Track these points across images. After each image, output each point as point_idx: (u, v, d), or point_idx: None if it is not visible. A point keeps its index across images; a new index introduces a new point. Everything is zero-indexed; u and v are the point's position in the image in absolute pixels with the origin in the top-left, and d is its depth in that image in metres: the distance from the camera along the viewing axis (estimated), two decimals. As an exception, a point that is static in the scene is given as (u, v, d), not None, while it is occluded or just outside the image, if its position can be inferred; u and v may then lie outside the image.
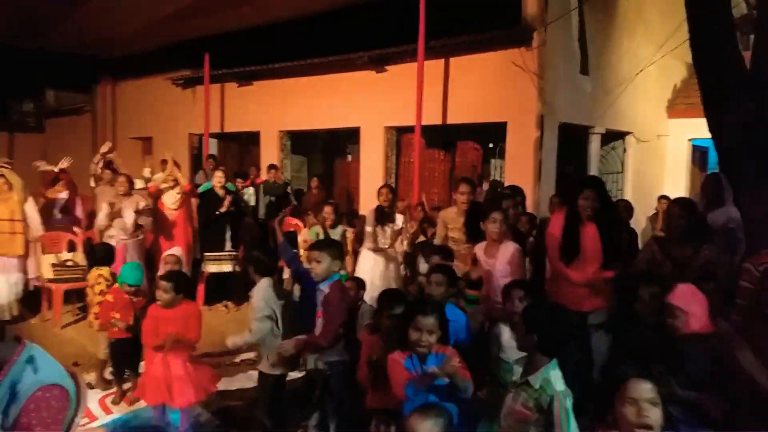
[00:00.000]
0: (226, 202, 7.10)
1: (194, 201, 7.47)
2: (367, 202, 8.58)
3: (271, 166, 9.45)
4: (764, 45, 5.26)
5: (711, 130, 5.25)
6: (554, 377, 2.47)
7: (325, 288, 3.53)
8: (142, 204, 6.64)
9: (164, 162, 7.28)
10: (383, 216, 6.12)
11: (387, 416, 3.22)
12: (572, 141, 8.64)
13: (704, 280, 3.40)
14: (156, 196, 7.10)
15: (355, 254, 6.75)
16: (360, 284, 5.19)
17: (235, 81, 11.27)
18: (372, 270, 6.01)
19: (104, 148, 7.64)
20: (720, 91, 5.11)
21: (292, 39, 10.18)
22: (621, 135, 9.72)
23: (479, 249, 4.27)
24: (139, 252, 6.61)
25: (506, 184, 7.90)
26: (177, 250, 5.35)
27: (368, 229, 6.16)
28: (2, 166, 6.79)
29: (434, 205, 8.30)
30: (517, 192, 5.60)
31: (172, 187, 7.00)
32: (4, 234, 6.57)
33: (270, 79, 10.75)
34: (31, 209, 6.81)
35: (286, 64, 10.13)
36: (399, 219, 6.21)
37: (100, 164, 7.63)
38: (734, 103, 5.00)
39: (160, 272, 5.26)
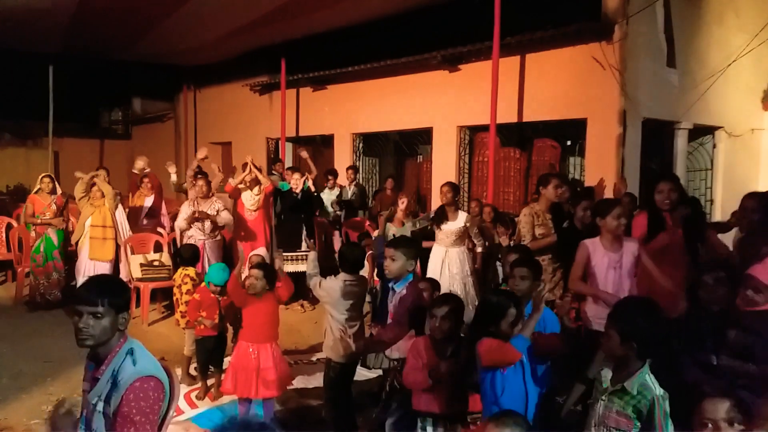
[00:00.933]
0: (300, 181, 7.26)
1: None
2: (439, 203, 8.52)
3: (350, 167, 9.55)
4: None
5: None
6: (651, 380, 2.38)
7: (401, 289, 3.51)
8: (220, 206, 6.86)
9: (244, 165, 7.49)
10: (441, 215, 6.06)
11: (434, 419, 3.17)
12: (657, 137, 8.25)
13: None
14: (234, 197, 7.32)
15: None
16: (435, 285, 5.15)
17: (310, 85, 11.47)
18: (435, 268, 5.99)
19: (201, 154, 7.92)
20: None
21: (366, 42, 10.25)
22: (710, 130, 9.18)
23: (594, 244, 3.98)
24: (216, 252, 6.83)
25: (586, 184, 7.67)
26: (262, 251, 5.52)
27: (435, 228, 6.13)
28: (95, 176, 7.21)
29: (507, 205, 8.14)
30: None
31: (250, 188, 7.19)
32: (97, 240, 7.01)
33: (343, 82, 10.87)
34: (121, 216, 7.24)
35: (360, 67, 10.21)
36: (462, 217, 6.07)
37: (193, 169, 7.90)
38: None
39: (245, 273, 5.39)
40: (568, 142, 9.16)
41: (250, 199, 7.20)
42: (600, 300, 3.78)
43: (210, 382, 4.91)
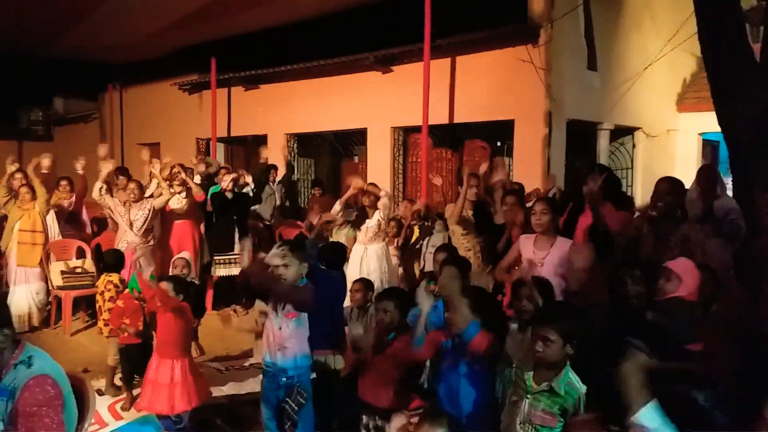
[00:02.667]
0: (230, 178, 7.13)
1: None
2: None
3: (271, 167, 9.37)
4: (773, 36, 5.18)
5: (721, 123, 5.15)
6: (574, 378, 2.44)
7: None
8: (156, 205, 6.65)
9: (172, 168, 7.28)
10: (362, 216, 6.23)
11: (376, 412, 3.21)
12: (581, 138, 8.57)
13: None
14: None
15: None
16: (368, 286, 5.17)
17: (242, 85, 11.28)
18: (354, 267, 6.11)
19: (101, 152, 7.60)
20: (729, 84, 5.01)
21: (298, 41, 10.18)
22: (630, 131, 9.63)
23: (527, 240, 4.08)
24: (149, 257, 6.62)
25: (514, 181, 7.88)
26: (186, 254, 5.36)
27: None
28: (23, 180, 6.80)
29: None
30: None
31: (179, 192, 7.00)
32: (25, 245, 6.66)
33: (276, 82, 10.75)
34: (52, 220, 6.90)
35: (292, 67, 10.13)
36: (376, 214, 6.21)
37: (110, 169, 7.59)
38: (744, 95, 4.90)
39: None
40: (498, 143, 9.39)
41: (177, 203, 7.00)
42: None
43: (136, 392, 4.74)
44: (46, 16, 9.64)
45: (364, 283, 4.96)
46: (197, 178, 7.72)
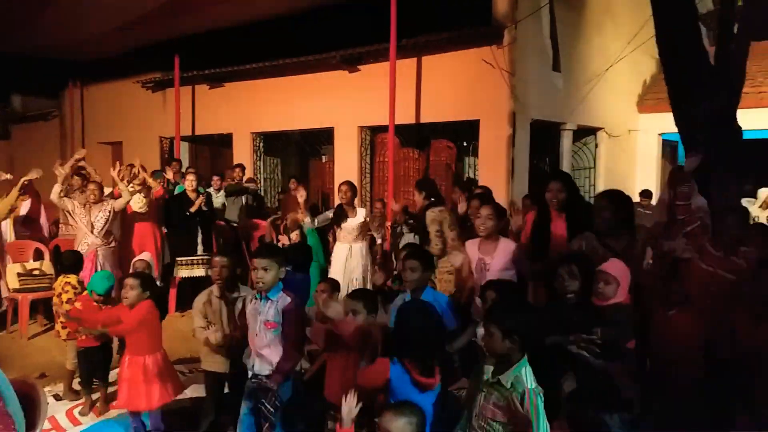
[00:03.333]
0: (198, 202, 7.01)
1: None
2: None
3: (237, 165, 9.28)
4: (726, 40, 5.35)
5: (678, 124, 5.31)
6: (525, 374, 2.45)
7: (278, 298, 3.42)
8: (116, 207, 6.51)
9: (131, 167, 7.13)
10: (341, 214, 6.19)
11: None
12: (545, 138, 8.69)
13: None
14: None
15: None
16: (335, 286, 5.15)
17: (206, 83, 11.13)
18: (339, 265, 6.12)
19: (79, 155, 7.41)
20: (686, 86, 5.18)
21: (264, 40, 10.07)
22: (592, 131, 9.80)
23: (472, 245, 4.17)
24: (111, 260, 6.47)
25: (480, 183, 7.95)
26: (146, 255, 5.26)
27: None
28: None
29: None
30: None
31: (139, 191, 6.86)
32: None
33: (241, 80, 10.63)
34: (7, 223, 6.70)
35: (258, 65, 10.03)
36: (361, 213, 6.24)
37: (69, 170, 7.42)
38: (700, 97, 5.07)
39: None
40: (464, 143, 9.48)
41: (138, 202, 6.87)
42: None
43: (95, 396, 4.64)
44: (2, 8, 9.35)
45: (330, 284, 4.96)
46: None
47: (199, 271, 6.95)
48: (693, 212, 4.27)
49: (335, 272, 6.05)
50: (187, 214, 6.97)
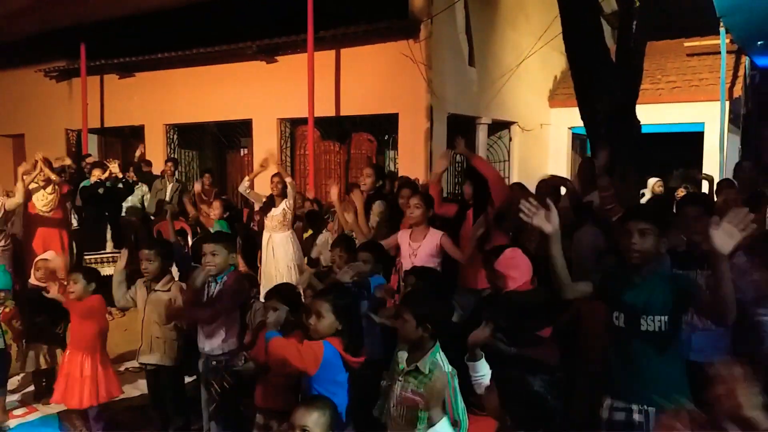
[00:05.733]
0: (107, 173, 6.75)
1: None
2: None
3: (141, 160, 8.92)
4: (626, 38, 5.67)
5: (583, 118, 5.56)
6: (441, 359, 2.51)
7: (223, 279, 3.54)
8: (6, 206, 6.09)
9: (34, 163, 6.70)
10: (269, 203, 6.20)
11: (273, 415, 3.17)
12: (461, 131, 8.88)
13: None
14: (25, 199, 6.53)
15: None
16: (251, 281, 5.08)
17: (116, 72, 10.64)
18: (265, 253, 6.15)
19: None
20: (590, 82, 5.42)
21: (176, 28, 9.72)
22: (506, 125, 10.13)
23: (404, 233, 4.27)
24: (4, 257, 6.06)
25: (399, 175, 8.04)
26: (50, 254, 4.97)
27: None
28: None
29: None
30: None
31: (43, 188, 6.47)
32: None
33: (154, 70, 10.24)
34: None
35: (171, 55, 9.69)
36: (282, 204, 6.20)
37: None
38: (603, 92, 5.33)
39: (32, 279, 4.86)
40: (385, 136, 9.54)
41: (42, 200, 6.47)
42: None
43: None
44: None
45: (247, 278, 4.89)
46: None
47: (108, 269, 6.65)
48: (599, 205, 4.50)
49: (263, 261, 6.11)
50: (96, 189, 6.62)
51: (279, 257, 6.13)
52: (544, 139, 11.11)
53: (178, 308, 3.60)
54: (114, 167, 7.17)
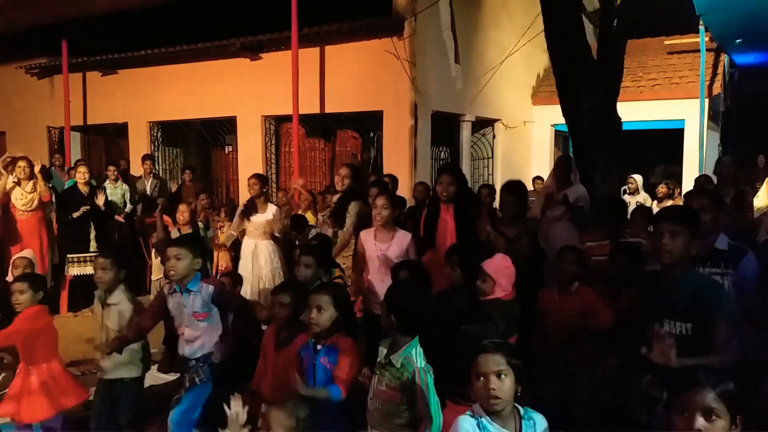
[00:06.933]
0: (100, 200, 6.67)
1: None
2: (247, 194, 8.39)
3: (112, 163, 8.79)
4: (607, 36, 5.74)
5: (565, 115, 5.63)
6: (415, 354, 2.53)
7: (195, 289, 3.40)
8: None
9: (14, 161, 6.63)
10: (250, 207, 5.89)
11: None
12: (445, 129, 8.94)
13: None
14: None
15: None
16: (236, 279, 5.09)
17: (99, 69, 10.54)
18: (246, 261, 5.88)
19: None
20: (572, 79, 5.48)
21: (160, 24, 9.65)
22: (490, 122, 10.19)
23: (367, 233, 4.22)
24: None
25: (384, 172, 8.07)
26: (28, 253, 4.90)
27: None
28: None
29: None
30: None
31: (22, 187, 6.40)
32: None
33: (137, 67, 10.15)
34: None
35: (154, 51, 9.62)
36: (271, 210, 5.95)
37: None
38: (584, 90, 5.40)
39: (9, 278, 4.77)
40: (370, 134, 9.57)
41: (21, 198, 6.41)
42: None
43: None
44: None
45: (232, 277, 4.91)
46: None
47: (91, 269, 6.59)
48: (574, 201, 4.57)
49: (243, 267, 5.80)
50: (70, 218, 6.59)
51: (263, 265, 5.85)
52: (528, 136, 11.20)
53: (124, 337, 3.40)
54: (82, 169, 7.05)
